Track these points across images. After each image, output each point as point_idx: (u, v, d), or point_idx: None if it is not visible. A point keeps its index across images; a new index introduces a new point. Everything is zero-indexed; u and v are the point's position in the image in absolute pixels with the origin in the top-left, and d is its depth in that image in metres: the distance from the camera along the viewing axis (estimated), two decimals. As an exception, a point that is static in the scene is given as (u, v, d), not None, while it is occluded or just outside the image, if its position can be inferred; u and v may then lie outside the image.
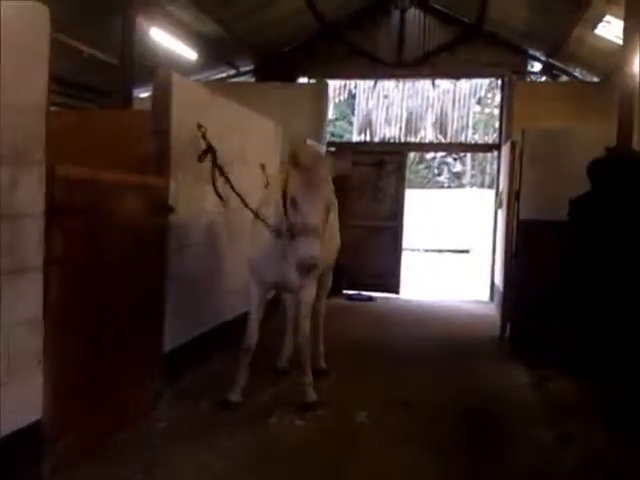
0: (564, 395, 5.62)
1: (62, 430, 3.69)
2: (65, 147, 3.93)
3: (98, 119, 5.86)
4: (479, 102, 22.22)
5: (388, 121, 13.87)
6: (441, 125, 14.15)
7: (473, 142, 16.97)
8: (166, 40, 9.63)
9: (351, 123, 18.63)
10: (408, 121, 13.84)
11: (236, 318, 6.21)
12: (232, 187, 5.19)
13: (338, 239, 6.04)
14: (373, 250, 11.41)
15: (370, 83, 13.67)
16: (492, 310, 10.12)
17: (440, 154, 29.15)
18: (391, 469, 4.04)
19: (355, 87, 14.29)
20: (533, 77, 12.37)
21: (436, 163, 31.86)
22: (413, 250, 20.24)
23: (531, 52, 11.84)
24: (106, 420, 4.25)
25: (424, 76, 12.78)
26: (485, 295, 11.52)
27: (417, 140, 13.94)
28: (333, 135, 21.93)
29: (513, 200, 7.61)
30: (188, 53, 10.36)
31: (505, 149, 9.85)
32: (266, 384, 5.47)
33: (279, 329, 6.20)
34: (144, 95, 10.45)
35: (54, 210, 3.49)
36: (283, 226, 4.59)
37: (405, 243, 12.23)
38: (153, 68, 5.35)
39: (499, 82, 12.55)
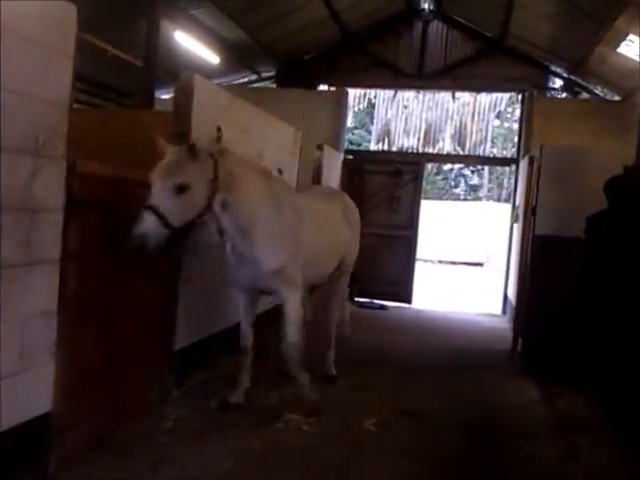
0: (573, 411, 5.59)
1: (71, 423, 3.74)
2: (86, 144, 4.00)
3: (120, 118, 5.92)
4: (498, 116, 22.18)
5: (407, 131, 13.89)
6: (460, 137, 14.16)
7: (491, 155, 16.97)
8: (189, 43, 9.73)
9: (370, 132, 18.68)
10: (427, 132, 13.85)
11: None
12: None
13: (354, 246, 6.07)
14: (387, 259, 11.40)
15: (390, 93, 13.71)
16: (504, 324, 10.07)
17: (458, 166, 29.08)
18: (397, 477, 4.04)
19: (375, 96, 14.34)
20: (554, 93, 12.34)
21: (453, 175, 31.78)
22: (427, 261, 20.20)
23: (552, 68, 11.82)
24: (114, 415, 4.29)
25: (444, 88, 12.80)
26: (498, 309, 11.47)
27: (435, 151, 13.95)
28: (351, 143, 21.99)
29: (529, 215, 7.58)
30: (210, 57, 10.45)
31: (523, 164, 9.82)
32: (273, 387, 5.48)
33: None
34: (166, 96, 10.56)
35: (73, 205, 3.55)
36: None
37: (419, 253, 12.21)
38: (176, 70, 5.42)
39: (519, 97, 12.53)
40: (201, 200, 4.20)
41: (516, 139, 12.87)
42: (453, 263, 23.11)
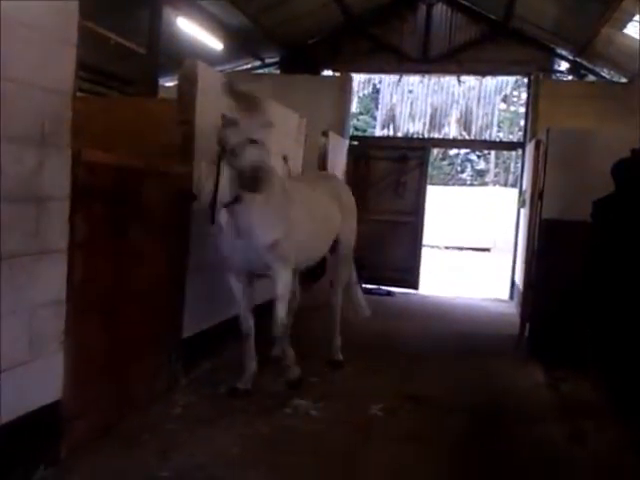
0: (580, 395, 5.60)
1: (81, 411, 3.77)
2: (91, 133, 4.00)
3: (123, 106, 5.92)
4: (504, 100, 22.03)
5: (412, 116, 13.86)
6: (465, 122, 14.11)
7: (497, 140, 16.90)
8: (192, 30, 9.68)
9: (375, 117, 18.62)
10: (432, 117, 13.82)
11: (255, 307, 6.24)
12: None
13: (349, 230, 6.08)
14: (393, 245, 11.39)
15: (395, 78, 13.65)
16: (512, 309, 10.07)
17: (464, 151, 28.94)
18: (403, 462, 4.05)
19: (379, 82, 14.30)
20: (560, 76, 12.23)
21: (459, 160, 31.61)
22: (433, 247, 20.17)
23: (558, 50, 11.71)
24: (123, 403, 4.33)
25: (450, 72, 12.71)
26: (505, 294, 11.46)
27: (441, 136, 13.93)
28: (357, 129, 21.91)
29: (536, 199, 7.56)
30: (214, 43, 10.40)
31: (529, 148, 9.77)
32: (280, 373, 5.50)
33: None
34: (170, 84, 10.54)
35: (79, 193, 3.55)
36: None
37: (426, 239, 12.20)
38: (179, 57, 5.40)
39: (525, 80, 12.44)
40: None
41: (522, 123, 12.80)
42: (460, 249, 23.08)
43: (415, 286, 11.56)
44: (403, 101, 13.92)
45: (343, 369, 5.91)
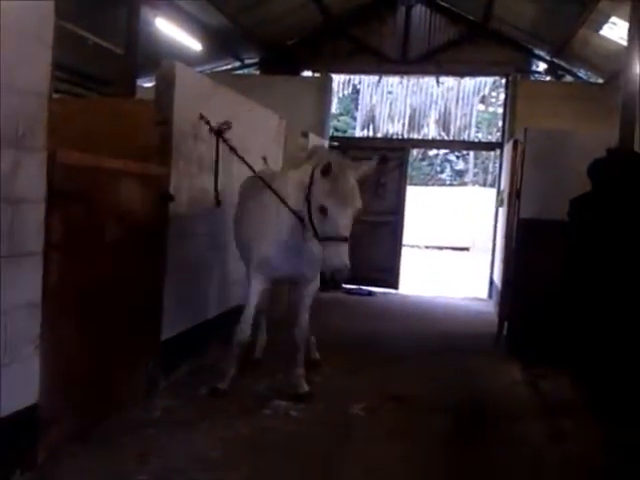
0: (558, 393, 5.65)
1: (58, 414, 3.72)
2: (67, 134, 3.96)
3: (101, 107, 5.85)
4: (483, 100, 22.20)
5: (391, 117, 13.91)
6: (444, 122, 14.19)
7: (476, 140, 17.02)
8: (171, 30, 9.64)
9: (355, 118, 18.65)
10: (411, 117, 13.88)
11: (234, 309, 6.22)
12: (248, 166, 5.30)
13: None
14: (373, 245, 11.40)
15: (374, 78, 13.68)
16: (490, 308, 10.14)
17: (443, 151, 29.12)
18: (384, 461, 4.07)
19: (359, 82, 14.31)
20: (537, 76, 12.37)
21: (439, 160, 31.79)
22: (413, 246, 20.25)
23: (536, 51, 11.84)
24: (101, 406, 4.28)
25: (429, 73, 12.79)
26: (484, 293, 11.54)
27: (420, 137, 13.98)
28: (337, 130, 21.92)
29: (514, 199, 7.61)
30: (193, 44, 10.37)
31: (507, 148, 9.85)
32: (262, 375, 5.50)
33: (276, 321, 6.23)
34: (148, 85, 10.46)
35: (55, 195, 3.51)
36: (304, 213, 4.59)
37: (405, 239, 12.24)
38: (158, 58, 5.36)
39: (503, 81, 12.54)
40: None
41: (500, 123, 12.90)
42: (439, 248, 23.22)
43: (395, 286, 11.60)
44: (383, 102, 13.97)
45: (323, 369, 5.90)
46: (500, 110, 14.84)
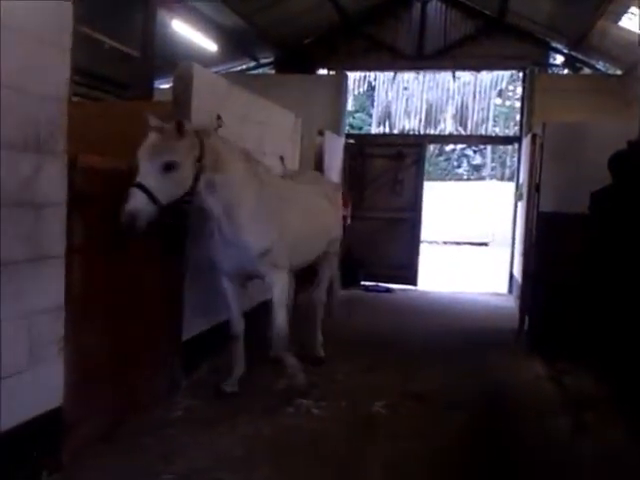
0: (582, 388, 5.60)
1: (82, 416, 3.77)
2: (87, 137, 4.00)
3: (119, 110, 5.90)
4: (500, 94, 22.04)
5: (407, 113, 13.84)
6: (461, 117, 14.09)
7: (493, 134, 16.90)
8: (187, 32, 9.68)
9: (370, 115, 18.61)
10: (428, 113, 13.80)
11: (253, 308, 6.25)
12: None
13: (337, 229, 6.10)
14: (391, 242, 11.40)
15: (390, 75, 13.63)
16: (511, 303, 10.08)
17: (460, 146, 28.98)
18: (406, 459, 4.06)
19: (375, 79, 14.27)
20: (555, 70, 12.24)
21: (456, 155, 31.64)
22: (431, 242, 20.18)
23: (553, 44, 11.71)
24: (124, 407, 4.32)
25: (445, 68, 12.71)
26: (504, 288, 11.47)
27: (437, 132, 13.90)
28: (352, 127, 21.90)
29: (533, 193, 7.56)
30: (208, 45, 10.40)
31: (526, 142, 9.77)
32: (280, 374, 5.50)
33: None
34: (165, 86, 10.52)
35: (76, 199, 3.55)
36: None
37: (423, 235, 12.21)
38: (174, 60, 5.39)
39: (520, 74, 12.43)
40: (188, 179, 4.25)
41: (518, 117, 12.79)
42: (458, 244, 23.09)
43: (414, 282, 11.56)
44: (398, 98, 13.91)
45: (343, 366, 5.90)
46: (517, 104, 14.74)
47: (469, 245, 22.97)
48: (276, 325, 5.01)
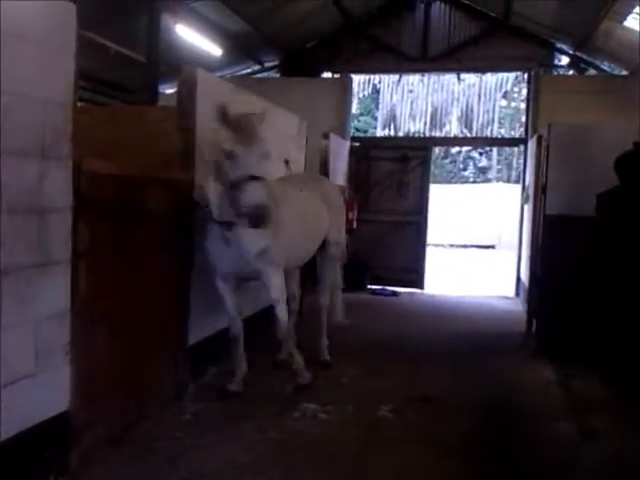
0: (589, 392, 5.56)
1: (89, 420, 3.77)
2: (92, 142, 4.00)
3: (124, 115, 5.92)
4: (505, 96, 21.99)
5: (413, 116, 13.84)
6: (466, 119, 14.07)
7: (499, 136, 16.88)
8: (191, 36, 9.70)
9: (375, 118, 18.63)
10: (433, 115, 13.79)
11: (260, 312, 6.25)
12: None
13: (336, 231, 6.10)
14: (397, 245, 11.38)
15: (394, 77, 13.63)
16: (518, 306, 10.04)
17: (465, 149, 28.93)
18: (414, 463, 4.04)
19: (379, 82, 14.26)
20: (560, 71, 12.22)
21: (461, 158, 31.61)
22: (437, 245, 20.14)
23: (558, 45, 11.70)
24: (132, 411, 4.32)
25: (449, 70, 12.70)
26: (511, 291, 11.43)
27: (442, 134, 13.90)
28: (357, 130, 21.91)
29: (540, 195, 7.54)
30: (213, 49, 10.43)
31: (531, 143, 9.75)
32: (288, 378, 5.50)
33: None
34: (170, 91, 10.56)
35: (81, 204, 3.56)
36: (224, 213, 4.59)
37: (430, 238, 12.19)
38: (179, 65, 5.40)
39: (525, 76, 12.41)
40: None
41: (523, 119, 12.76)
42: (464, 246, 23.05)
43: (420, 286, 11.54)
44: (403, 101, 13.91)
45: (349, 370, 5.89)
46: (523, 105, 14.69)
47: (476, 248, 22.93)
48: (279, 320, 5.04)
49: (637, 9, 8.24)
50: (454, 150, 29.61)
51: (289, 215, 5.16)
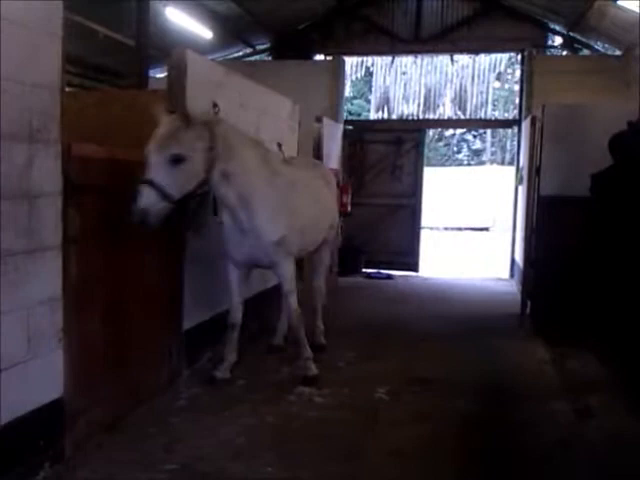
0: (585, 371, 5.58)
1: (84, 407, 3.75)
2: (81, 127, 3.95)
3: (114, 99, 5.83)
4: (499, 78, 21.91)
5: (406, 98, 13.74)
6: (460, 101, 13.99)
7: (493, 118, 16.81)
8: (181, 19, 9.59)
9: (368, 101, 18.52)
10: (426, 98, 13.70)
11: (254, 296, 6.22)
12: None
13: (335, 215, 6.09)
14: (392, 228, 11.38)
15: (387, 60, 13.50)
16: (513, 287, 10.06)
17: (459, 131, 28.89)
18: (410, 445, 4.04)
19: (372, 64, 14.14)
20: (554, 51, 12.16)
21: (455, 140, 31.58)
22: (432, 228, 20.15)
23: (551, 25, 11.61)
24: (125, 397, 4.30)
25: (443, 52, 12.58)
26: (505, 272, 11.45)
27: (436, 117, 13.82)
28: (351, 113, 21.81)
29: (534, 176, 7.52)
30: (203, 32, 10.31)
31: (525, 125, 9.71)
32: (283, 363, 5.49)
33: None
34: (160, 75, 10.45)
35: (71, 188, 3.51)
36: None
37: (424, 221, 12.18)
38: (169, 48, 5.32)
39: (519, 57, 12.34)
40: (199, 170, 4.20)
41: (517, 100, 12.70)
42: (459, 229, 23.09)
43: (415, 269, 11.54)
44: (397, 83, 13.80)
45: (346, 354, 5.89)
46: (516, 87, 14.63)
47: (470, 230, 22.96)
48: (291, 309, 5.07)
49: (631, -13, 8.16)
50: (448, 133, 29.58)
51: (303, 200, 5.15)
